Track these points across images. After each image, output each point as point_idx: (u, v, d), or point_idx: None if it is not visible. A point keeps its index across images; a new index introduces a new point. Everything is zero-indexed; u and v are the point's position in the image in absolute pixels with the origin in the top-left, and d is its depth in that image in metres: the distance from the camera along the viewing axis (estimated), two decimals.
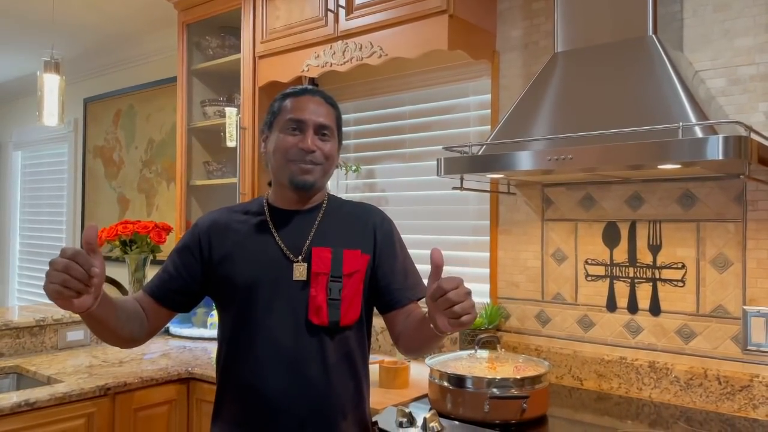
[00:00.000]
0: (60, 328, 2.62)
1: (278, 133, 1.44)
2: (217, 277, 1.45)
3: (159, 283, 1.48)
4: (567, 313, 2.17)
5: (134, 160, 4.13)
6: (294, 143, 1.41)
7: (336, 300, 1.40)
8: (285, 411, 1.37)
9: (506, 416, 1.67)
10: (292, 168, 1.41)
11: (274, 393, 1.37)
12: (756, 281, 1.82)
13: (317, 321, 1.39)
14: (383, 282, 1.48)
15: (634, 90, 1.74)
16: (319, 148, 1.42)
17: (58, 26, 3.68)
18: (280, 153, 1.42)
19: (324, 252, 1.42)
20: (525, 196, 2.28)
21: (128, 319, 1.38)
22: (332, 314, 1.39)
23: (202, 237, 1.47)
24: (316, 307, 1.39)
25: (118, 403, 2.12)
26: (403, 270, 1.51)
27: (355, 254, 1.44)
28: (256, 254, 1.43)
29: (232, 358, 1.43)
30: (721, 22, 1.89)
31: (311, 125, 1.42)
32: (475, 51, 2.28)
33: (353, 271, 1.43)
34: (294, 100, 1.45)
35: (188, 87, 3.13)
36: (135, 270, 3.11)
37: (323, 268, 1.41)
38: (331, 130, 1.45)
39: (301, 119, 1.42)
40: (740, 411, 1.81)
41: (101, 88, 4.43)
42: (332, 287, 1.40)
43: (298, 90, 1.48)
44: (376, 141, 2.84)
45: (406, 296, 1.48)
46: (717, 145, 1.42)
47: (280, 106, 1.46)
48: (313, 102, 1.45)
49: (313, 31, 2.49)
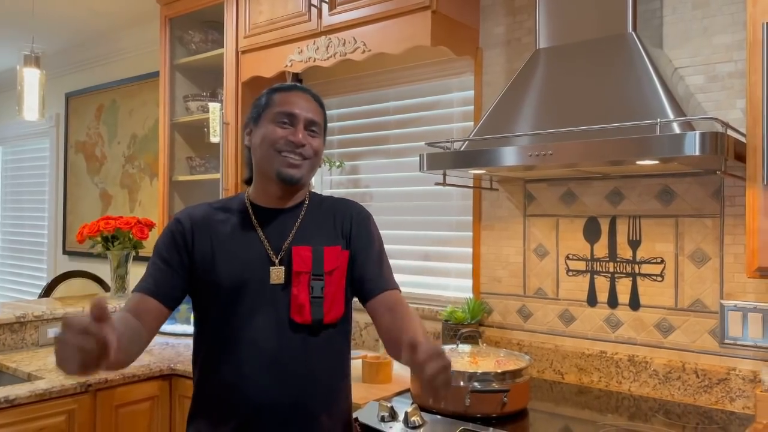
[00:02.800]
0: (41, 325, 2.60)
1: (267, 125, 1.41)
2: (198, 276, 1.41)
3: (154, 282, 1.40)
4: (548, 307, 2.19)
5: (117, 156, 4.10)
6: (284, 135, 1.40)
7: (319, 298, 1.39)
8: (268, 409, 1.36)
9: (487, 410, 1.69)
10: (279, 160, 1.40)
11: (257, 391, 1.36)
12: (733, 276, 1.84)
13: (300, 320, 1.38)
14: (358, 273, 1.46)
15: (614, 86, 1.76)
16: (309, 142, 1.41)
17: (39, 20, 3.64)
18: (269, 143, 1.40)
19: (304, 251, 1.41)
20: (507, 192, 2.30)
21: (131, 345, 1.29)
22: (315, 312, 1.39)
23: (186, 233, 1.43)
24: (298, 305, 1.38)
25: (99, 400, 2.11)
26: (378, 260, 1.48)
27: (335, 251, 1.44)
28: (240, 254, 1.41)
29: (213, 357, 1.41)
30: (700, 20, 1.91)
31: (302, 119, 1.41)
32: (458, 47, 2.28)
33: (334, 268, 1.43)
34: (284, 95, 1.44)
35: (171, 82, 3.11)
36: (117, 266, 3.08)
37: (304, 266, 1.40)
38: (319, 127, 1.45)
39: (292, 113, 1.41)
40: (717, 404, 1.84)
41: (83, 83, 4.38)
42: (314, 285, 1.40)
43: (288, 86, 1.47)
44: (360, 137, 2.83)
45: (380, 286, 1.45)
46: (694, 141, 1.44)
47: (269, 100, 1.44)
48: (303, 98, 1.44)
49: (296, 26, 2.49)
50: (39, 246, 4.90)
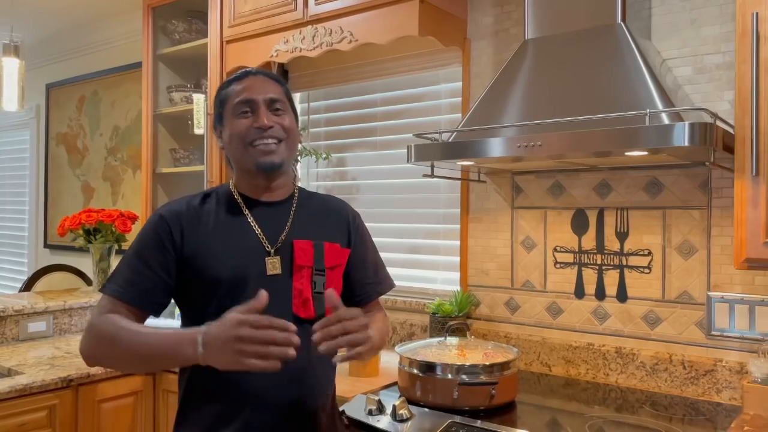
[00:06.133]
0: (21, 320, 2.55)
1: (231, 120, 1.37)
2: (191, 271, 1.33)
3: (130, 287, 1.31)
4: (536, 300, 2.18)
5: (99, 148, 4.03)
6: (248, 124, 1.35)
7: (321, 293, 1.36)
8: (270, 405, 1.32)
9: (475, 402, 1.68)
10: (253, 152, 1.35)
11: (259, 388, 1.31)
12: (720, 267, 1.85)
13: (304, 314, 1.34)
14: (355, 276, 1.47)
15: (603, 77, 1.74)
16: (276, 122, 1.36)
17: (18, 9, 3.56)
18: (238, 138, 1.36)
19: (305, 244, 1.38)
20: (495, 184, 2.29)
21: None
22: (318, 308, 1.36)
23: (173, 229, 1.34)
24: (302, 300, 1.35)
25: (82, 395, 2.07)
26: (374, 263, 1.51)
27: (335, 248, 1.42)
28: (236, 245, 1.35)
29: None
30: (689, 11, 1.90)
31: (261, 102, 1.36)
32: (446, 38, 2.26)
33: (335, 265, 1.41)
34: (237, 84, 1.39)
35: (154, 72, 3.06)
36: (99, 260, 3.03)
37: (306, 261, 1.37)
38: (283, 104, 1.40)
39: (249, 98, 1.36)
40: (704, 395, 1.84)
41: (64, 74, 4.30)
42: (316, 281, 1.37)
43: (239, 74, 1.42)
44: (347, 129, 2.80)
45: (376, 290, 1.52)
46: (683, 132, 1.43)
47: (225, 95, 1.40)
48: (258, 81, 1.39)
49: (281, 15, 2.45)
50: (20, 240, 4.82)
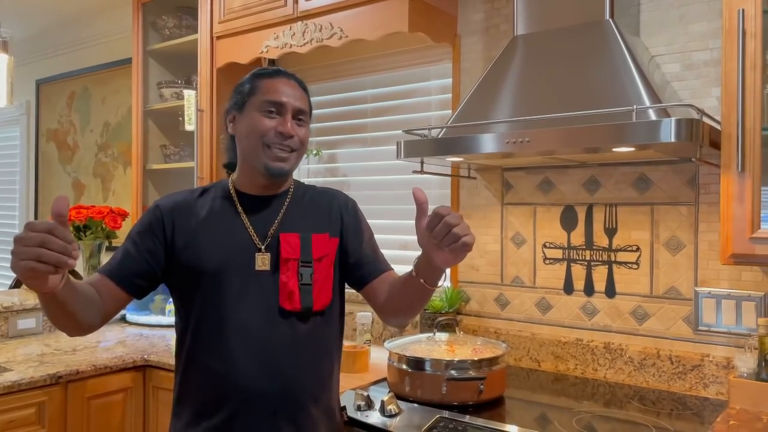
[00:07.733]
0: (10, 316, 2.54)
1: (253, 114, 1.37)
2: (180, 262, 1.38)
3: (118, 265, 1.37)
4: (525, 296, 2.19)
5: (89, 144, 4.01)
6: (272, 126, 1.36)
7: (308, 285, 1.37)
8: (257, 397, 1.33)
9: (463, 398, 1.68)
10: (268, 153, 1.36)
11: (246, 380, 1.33)
12: (707, 263, 1.86)
13: (290, 307, 1.36)
14: (353, 258, 1.47)
15: (591, 74, 1.75)
16: (296, 133, 1.38)
17: (6, 4, 3.53)
18: (256, 136, 1.36)
19: (292, 237, 1.39)
20: (485, 180, 2.29)
21: (87, 302, 1.27)
22: (305, 300, 1.37)
23: (165, 219, 1.39)
24: (287, 292, 1.36)
25: (71, 392, 2.07)
26: (371, 246, 1.51)
27: (323, 238, 1.42)
28: (223, 239, 1.38)
29: (199, 347, 1.37)
30: (677, 8, 1.91)
31: (290, 109, 1.37)
32: (436, 34, 2.26)
33: (323, 256, 1.41)
34: (270, 81, 1.39)
35: (144, 68, 3.05)
36: (90, 256, 3.02)
37: (292, 253, 1.38)
38: (306, 116, 1.42)
39: (280, 102, 1.36)
40: (691, 390, 1.85)
41: (54, 70, 4.27)
42: (303, 272, 1.38)
43: (272, 71, 1.42)
44: (337, 125, 2.80)
45: (379, 268, 1.48)
46: (670, 128, 1.44)
47: (253, 87, 1.39)
48: (289, 85, 1.40)
49: (272, 11, 2.44)
50: (9, 236, 4.79)
